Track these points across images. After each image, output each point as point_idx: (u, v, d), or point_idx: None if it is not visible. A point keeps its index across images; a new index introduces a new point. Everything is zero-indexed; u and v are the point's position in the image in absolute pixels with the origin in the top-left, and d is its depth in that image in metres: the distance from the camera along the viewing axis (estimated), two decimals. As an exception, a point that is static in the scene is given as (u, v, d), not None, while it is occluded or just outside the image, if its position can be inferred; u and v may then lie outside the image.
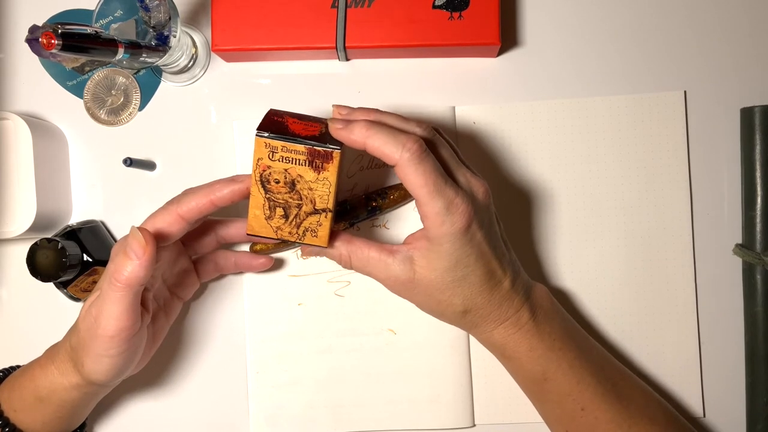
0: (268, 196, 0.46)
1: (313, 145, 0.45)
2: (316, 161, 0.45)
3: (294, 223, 0.47)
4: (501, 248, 0.49)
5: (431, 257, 0.47)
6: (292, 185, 0.46)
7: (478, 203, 0.47)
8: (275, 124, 0.46)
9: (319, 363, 0.58)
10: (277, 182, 0.46)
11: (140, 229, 0.46)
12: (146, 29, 0.52)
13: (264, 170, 0.46)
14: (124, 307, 0.46)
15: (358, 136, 0.45)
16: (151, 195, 0.60)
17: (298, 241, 0.48)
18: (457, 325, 0.51)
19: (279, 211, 0.47)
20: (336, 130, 0.46)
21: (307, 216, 0.47)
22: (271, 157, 0.45)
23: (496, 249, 0.48)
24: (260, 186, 0.46)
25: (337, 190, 0.47)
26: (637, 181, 0.58)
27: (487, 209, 0.48)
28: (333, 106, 0.48)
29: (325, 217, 0.47)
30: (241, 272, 0.58)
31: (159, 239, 0.48)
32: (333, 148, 0.45)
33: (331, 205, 0.46)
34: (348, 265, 0.49)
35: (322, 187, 0.46)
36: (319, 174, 0.46)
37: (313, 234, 0.47)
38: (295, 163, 0.45)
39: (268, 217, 0.47)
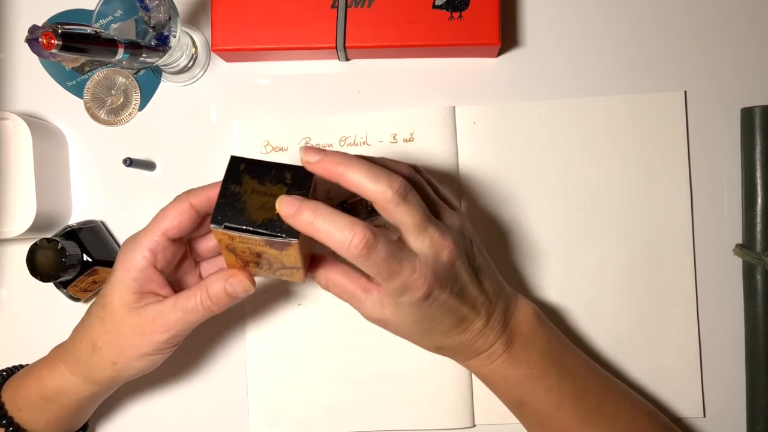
0: (238, 257, 0.46)
1: (270, 237, 0.42)
2: (276, 245, 0.43)
3: (269, 271, 0.47)
4: (471, 294, 0.47)
5: (397, 310, 0.46)
6: (258, 255, 0.45)
7: (440, 268, 0.44)
8: (231, 204, 0.43)
9: (319, 363, 0.58)
10: (244, 252, 0.45)
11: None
12: (146, 29, 0.52)
13: (227, 245, 0.45)
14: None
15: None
16: (151, 195, 0.60)
17: (277, 278, 0.48)
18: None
19: (252, 265, 0.47)
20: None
21: (279, 269, 0.47)
22: (230, 241, 0.44)
23: (465, 298, 0.47)
24: (229, 252, 0.45)
25: (306, 253, 0.45)
26: (637, 182, 0.58)
27: (452, 268, 0.45)
28: (300, 149, 0.44)
29: (297, 269, 0.46)
30: None
31: (171, 230, 0.48)
32: (290, 240, 0.42)
33: (300, 264, 0.45)
34: (327, 290, 0.49)
35: (287, 258, 0.44)
36: (281, 252, 0.44)
37: (290, 276, 0.48)
38: (256, 245, 0.44)
39: (243, 266, 0.47)
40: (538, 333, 0.51)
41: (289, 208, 0.42)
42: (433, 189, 0.48)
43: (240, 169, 0.43)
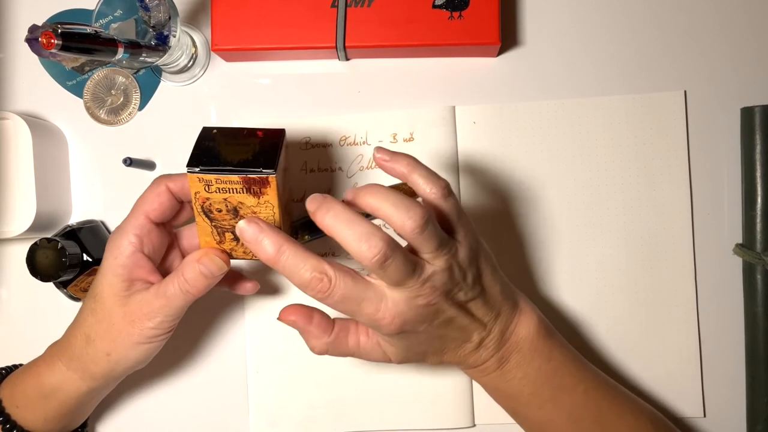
0: (214, 224, 0.45)
1: (247, 173, 0.43)
2: (254, 188, 0.43)
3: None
4: (460, 323, 0.46)
5: (390, 343, 0.47)
6: (235, 212, 0.45)
7: (413, 309, 0.44)
8: (206, 152, 0.44)
9: (319, 363, 0.58)
10: (220, 211, 0.45)
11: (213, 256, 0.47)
12: (146, 29, 0.52)
13: (203, 202, 0.44)
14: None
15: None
16: (151, 195, 0.60)
17: (254, 259, 0.47)
18: None
19: (228, 235, 0.46)
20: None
21: None
22: (207, 189, 0.43)
23: (451, 327, 0.46)
24: (204, 216, 0.45)
25: (282, 208, 0.45)
26: (637, 181, 0.58)
27: (429, 308, 0.44)
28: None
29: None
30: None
31: (152, 212, 0.48)
32: (267, 173, 0.43)
33: (278, 224, 0.45)
34: (326, 354, 0.48)
35: (265, 209, 0.44)
36: (259, 198, 0.44)
37: None
38: (233, 192, 0.44)
39: (219, 242, 0.47)
40: (538, 351, 0.49)
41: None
42: (455, 212, 0.46)
43: (213, 132, 0.46)
